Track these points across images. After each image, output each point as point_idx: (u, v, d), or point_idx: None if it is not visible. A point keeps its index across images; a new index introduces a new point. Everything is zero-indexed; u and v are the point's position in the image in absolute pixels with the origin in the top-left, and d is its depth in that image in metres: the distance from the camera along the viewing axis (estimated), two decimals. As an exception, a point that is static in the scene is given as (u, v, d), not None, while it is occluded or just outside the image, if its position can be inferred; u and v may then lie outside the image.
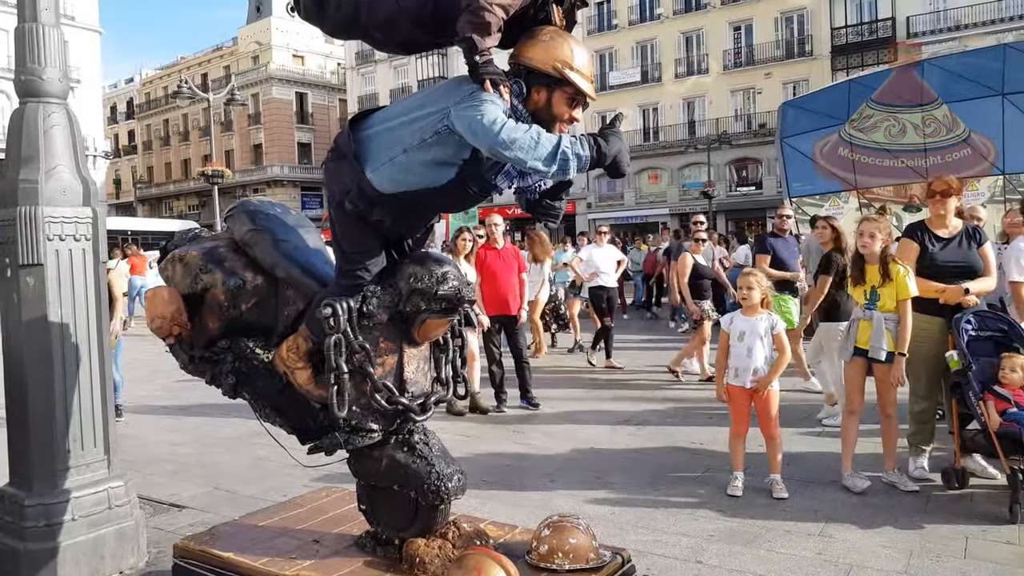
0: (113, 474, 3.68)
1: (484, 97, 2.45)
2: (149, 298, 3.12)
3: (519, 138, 2.38)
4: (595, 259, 10.23)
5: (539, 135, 2.41)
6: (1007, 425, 4.18)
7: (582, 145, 2.45)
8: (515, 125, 2.41)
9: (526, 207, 2.90)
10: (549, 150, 2.40)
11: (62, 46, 3.54)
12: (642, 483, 4.96)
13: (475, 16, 2.42)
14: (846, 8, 33.21)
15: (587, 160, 2.45)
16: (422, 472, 2.95)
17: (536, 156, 2.39)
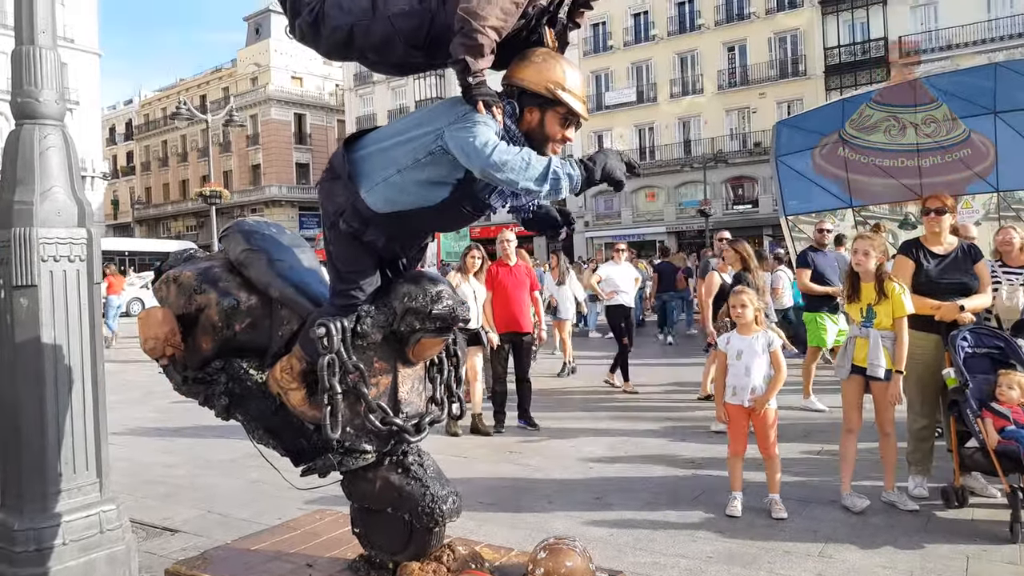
0: (105, 497, 3.63)
1: (477, 119, 2.46)
2: (143, 319, 3.11)
3: (510, 160, 2.39)
4: (614, 277, 9.86)
5: (530, 156, 2.42)
6: (1006, 443, 4.15)
7: (572, 166, 2.45)
8: (507, 147, 2.42)
9: (525, 224, 2.90)
10: (540, 171, 2.41)
11: (59, 68, 3.54)
12: (641, 504, 4.92)
13: (468, 38, 2.43)
14: (839, 28, 33.57)
15: (579, 180, 2.45)
16: (416, 494, 2.92)
17: (528, 177, 2.40)
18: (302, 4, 2.81)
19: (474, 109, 2.48)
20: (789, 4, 34.75)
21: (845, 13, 33.43)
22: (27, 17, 3.44)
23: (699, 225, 34.92)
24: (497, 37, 2.47)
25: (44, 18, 3.47)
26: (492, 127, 2.47)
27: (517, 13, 2.48)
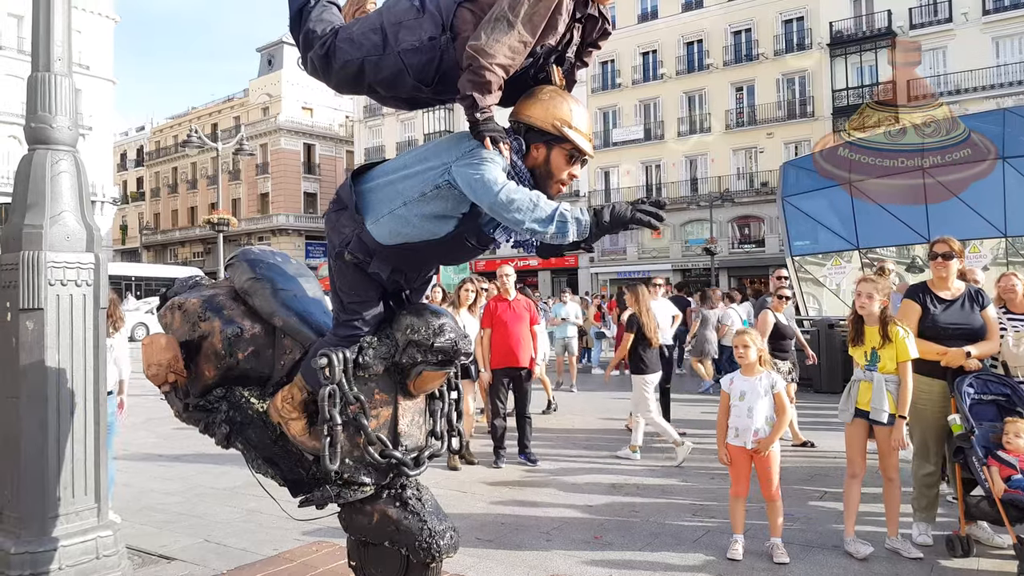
0: (102, 523, 3.61)
1: (484, 155, 2.49)
2: (146, 344, 3.12)
3: (518, 199, 2.41)
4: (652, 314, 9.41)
5: (538, 198, 2.43)
6: (1012, 492, 4.10)
7: (581, 211, 2.44)
8: (516, 187, 2.45)
9: (540, 251, 2.90)
10: (548, 212, 2.41)
11: (73, 95, 3.61)
12: (640, 544, 4.86)
13: (476, 75, 2.47)
14: (847, 70, 33.87)
15: (587, 224, 2.42)
16: (414, 528, 2.89)
17: (534, 217, 2.41)
18: (315, 38, 2.87)
19: (481, 145, 2.51)
20: (798, 46, 35.13)
21: (853, 56, 33.79)
22: (44, 44, 3.51)
23: (705, 263, 34.93)
24: (505, 75, 2.51)
25: (60, 45, 3.54)
26: (500, 163, 2.50)
27: (525, 52, 2.52)
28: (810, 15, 34.83)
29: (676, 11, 38.16)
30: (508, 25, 2.46)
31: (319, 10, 2.91)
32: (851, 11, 34.12)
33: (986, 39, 31.17)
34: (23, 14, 33.21)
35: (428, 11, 2.69)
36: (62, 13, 3.55)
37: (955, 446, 4.55)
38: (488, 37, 2.46)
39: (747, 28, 36.42)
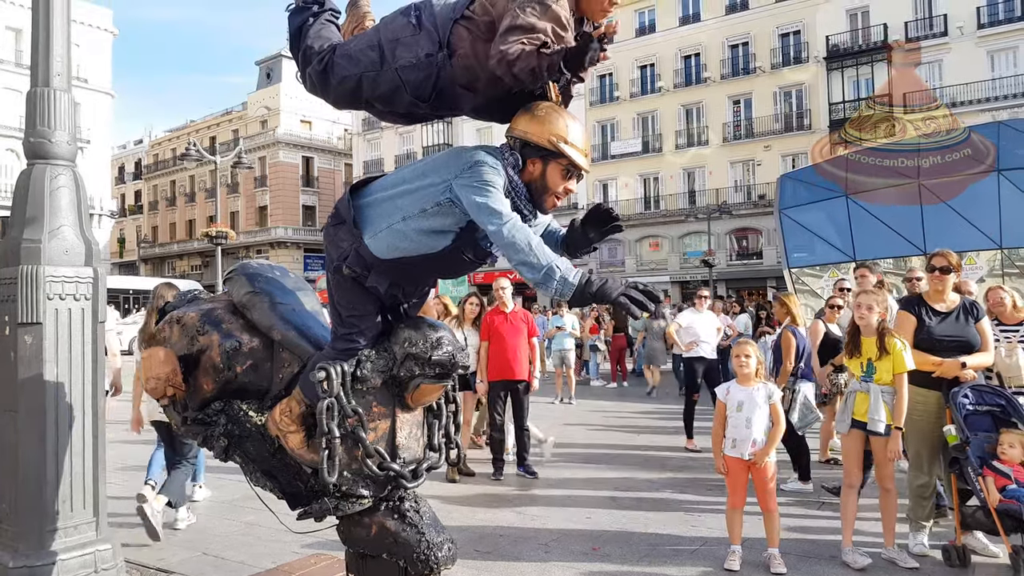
0: (101, 536, 3.62)
1: (486, 177, 2.50)
2: (145, 358, 3.14)
3: (518, 240, 2.40)
4: (695, 326, 9.00)
5: (538, 246, 2.40)
6: (1007, 502, 4.12)
7: (573, 275, 2.37)
8: (518, 226, 2.43)
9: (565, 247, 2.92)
10: (539, 262, 2.38)
11: (72, 110, 3.64)
12: (639, 556, 4.86)
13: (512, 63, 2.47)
14: (843, 83, 34.07)
15: (570, 288, 2.36)
16: (412, 541, 2.90)
17: (525, 260, 2.39)
18: (313, 54, 2.90)
19: (480, 163, 2.52)
20: (795, 59, 35.35)
21: (850, 69, 33.99)
22: (43, 59, 3.55)
23: (703, 275, 34.98)
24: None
25: (60, 61, 3.58)
26: (501, 177, 2.52)
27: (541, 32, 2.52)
28: (807, 29, 35.08)
29: (674, 25, 38.40)
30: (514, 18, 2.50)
31: (318, 27, 2.95)
32: (847, 25, 34.36)
33: (981, 52, 31.39)
34: (21, 27, 33.38)
35: (425, 28, 2.72)
36: (61, 28, 3.58)
37: (951, 457, 4.56)
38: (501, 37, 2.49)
39: (744, 42, 36.64)
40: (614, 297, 2.34)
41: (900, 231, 13.39)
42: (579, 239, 2.93)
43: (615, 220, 2.87)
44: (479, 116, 2.94)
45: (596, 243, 2.93)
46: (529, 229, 2.47)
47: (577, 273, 2.38)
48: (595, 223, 2.90)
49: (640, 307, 2.32)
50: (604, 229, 2.90)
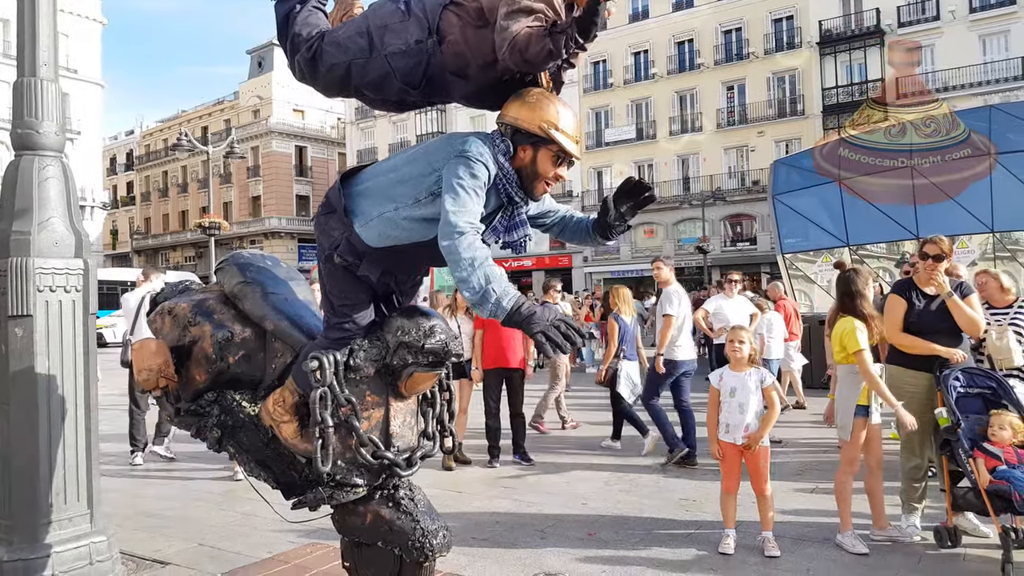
0: (95, 528, 3.61)
1: (466, 167, 2.50)
2: (137, 350, 3.13)
3: (462, 257, 2.37)
4: (725, 312, 8.67)
5: (480, 265, 2.37)
6: (997, 483, 4.15)
7: (508, 300, 2.35)
8: (468, 244, 2.39)
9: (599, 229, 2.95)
10: (476, 283, 2.35)
11: (60, 100, 3.60)
12: (634, 541, 4.89)
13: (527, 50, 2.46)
14: (836, 69, 34.04)
15: (504, 313, 2.35)
16: (407, 528, 2.91)
17: (464, 278, 2.38)
18: (301, 42, 2.88)
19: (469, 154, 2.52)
20: (788, 45, 35.28)
21: (843, 54, 33.95)
22: (29, 50, 3.51)
23: (698, 262, 35.04)
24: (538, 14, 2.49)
25: (46, 51, 3.54)
26: (485, 169, 2.51)
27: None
28: (799, 14, 34.99)
29: (667, 11, 38.26)
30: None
31: (305, 14, 2.93)
32: (840, 10, 34.29)
33: (973, 37, 31.38)
34: (8, 18, 33.06)
35: (414, 14, 2.71)
36: (47, 17, 3.54)
37: (942, 439, 4.59)
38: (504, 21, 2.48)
39: (737, 27, 36.55)
40: (534, 332, 2.32)
41: (893, 216, 13.43)
42: (614, 217, 2.93)
43: (648, 190, 2.92)
44: (470, 103, 2.93)
45: (630, 218, 2.96)
46: (483, 249, 2.42)
47: (511, 299, 2.34)
48: (628, 196, 2.94)
49: (555, 347, 2.32)
50: (639, 200, 2.93)
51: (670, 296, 7.27)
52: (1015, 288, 5.83)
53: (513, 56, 2.47)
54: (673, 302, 7.20)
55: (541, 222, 3.13)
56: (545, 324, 2.31)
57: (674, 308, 7.15)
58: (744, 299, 9.32)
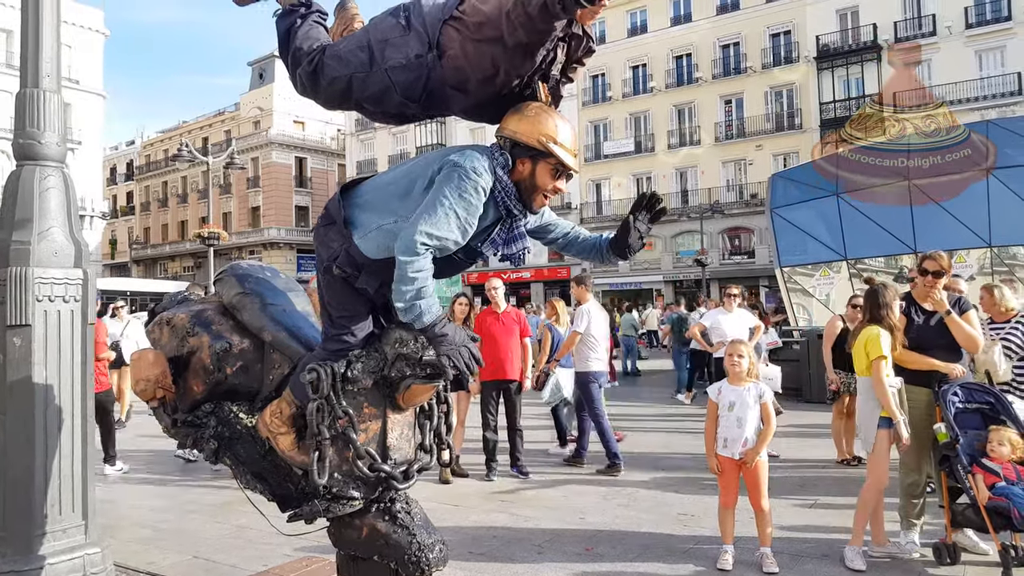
0: (90, 540, 3.59)
1: (464, 183, 2.51)
2: (135, 360, 3.12)
3: (407, 274, 2.47)
4: (723, 326, 8.66)
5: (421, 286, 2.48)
6: (996, 500, 4.14)
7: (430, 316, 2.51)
8: (420, 266, 2.47)
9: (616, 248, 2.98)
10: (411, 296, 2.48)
11: (62, 111, 3.62)
12: (632, 556, 4.87)
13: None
14: (833, 83, 34.22)
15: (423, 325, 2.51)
16: (403, 542, 2.89)
17: (401, 289, 2.49)
18: (302, 55, 2.89)
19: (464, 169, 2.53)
20: (785, 59, 35.47)
21: (840, 69, 34.14)
22: (32, 61, 3.52)
23: (696, 274, 35.09)
24: None
25: (49, 62, 3.55)
26: (478, 185, 2.53)
27: None
28: (797, 29, 35.21)
29: (665, 25, 38.49)
30: None
31: (306, 28, 2.94)
32: (837, 25, 34.50)
33: (969, 52, 31.57)
34: (11, 28, 33.21)
35: (414, 29, 2.71)
36: (51, 29, 3.56)
37: (941, 454, 4.58)
38: None
39: (735, 42, 36.75)
40: (440, 351, 2.52)
41: (891, 230, 13.45)
42: (631, 231, 2.95)
43: (659, 201, 2.95)
44: (469, 116, 2.94)
45: (645, 232, 2.98)
46: (429, 270, 2.51)
47: (432, 315, 2.51)
48: (642, 210, 2.96)
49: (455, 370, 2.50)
50: (653, 214, 2.97)
51: (582, 314, 7.75)
52: (1015, 302, 5.83)
53: (516, 10, 2.46)
54: (583, 320, 7.68)
55: (541, 235, 3.14)
56: (452, 347, 2.50)
57: (582, 325, 7.65)
58: (743, 312, 9.28)
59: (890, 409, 4.50)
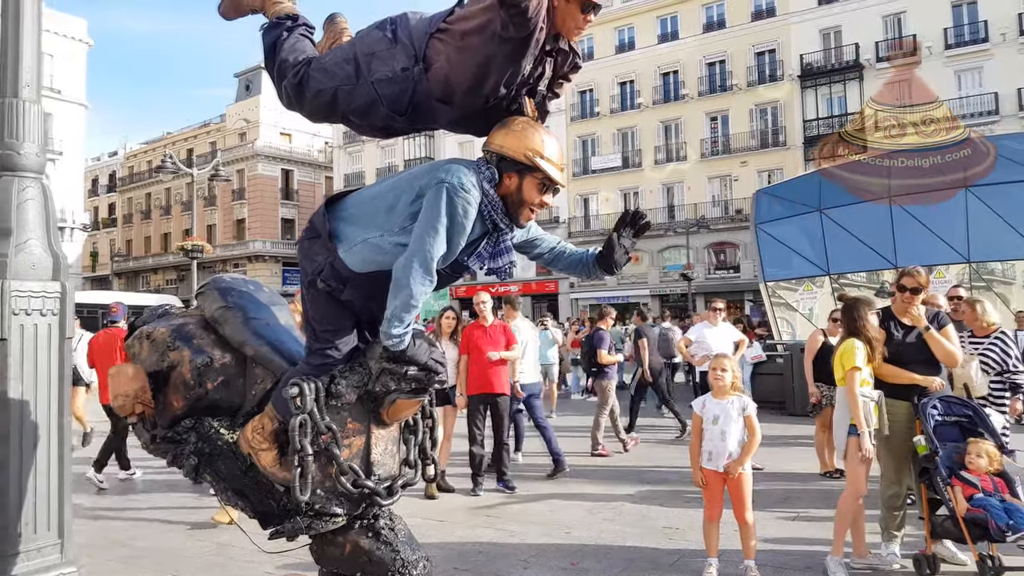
0: (66, 559, 3.52)
1: (454, 200, 2.52)
2: (113, 375, 3.07)
3: (405, 288, 2.54)
4: (708, 340, 8.69)
5: (413, 304, 2.56)
6: (974, 511, 4.17)
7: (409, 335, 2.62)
8: (417, 283, 2.54)
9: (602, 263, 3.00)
10: (402, 313, 2.56)
11: (42, 121, 3.58)
12: (617, 570, 4.84)
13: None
14: (817, 101, 34.64)
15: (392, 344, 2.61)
16: (386, 559, 2.85)
17: (395, 312, 2.56)
18: (288, 67, 2.88)
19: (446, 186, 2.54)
20: (770, 77, 35.87)
21: (823, 87, 34.58)
22: (12, 70, 3.49)
23: (682, 289, 35.24)
24: None
25: (29, 71, 3.52)
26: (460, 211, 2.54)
27: None
28: (781, 47, 35.63)
29: (652, 42, 38.85)
30: None
31: (292, 41, 2.93)
32: (820, 44, 34.96)
33: (949, 72, 32.04)
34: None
35: (401, 41, 2.71)
36: (31, 37, 3.53)
37: (920, 467, 4.61)
38: None
39: (721, 60, 37.14)
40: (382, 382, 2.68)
41: (872, 245, 13.56)
42: (616, 248, 2.95)
43: (642, 217, 2.97)
44: (456, 129, 2.94)
45: (630, 247, 2.99)
46: (426, 294, 2.60)
47: (409, 336, 2.62)
48: (627, 226, 2.97)
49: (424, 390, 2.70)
50: (637, 229, 2.97)
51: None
52: (996, 317, 5.88)
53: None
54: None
55: (528, 250, 3.13)
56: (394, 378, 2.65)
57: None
58: (728, 326, 9.33)
59: (857, 418, 4.54)
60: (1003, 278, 14.41)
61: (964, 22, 32.25)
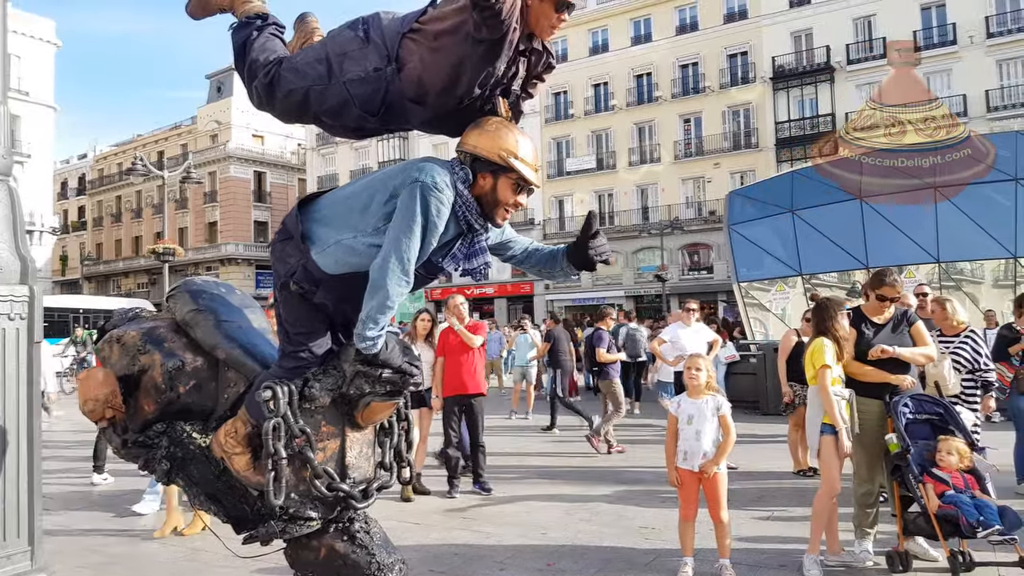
0: (36, 567, 3.46)
1: (428, 200, 2.52)
2: (82, 379, 3.02)
3: (383, 290, 2.53)
4: (682, 341, 8.64)
5: (390, 307, 2.57)
6: (945, 508, 4.24)
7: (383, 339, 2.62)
8: (398, 287, 2.54)
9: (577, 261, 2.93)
10: (378, 315, 2.56)
11: (8, 123, 3.53)
12: (593, 570, 4.86)
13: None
14: (789, 103, 35.05)
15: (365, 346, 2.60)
16: (362, 562, 2.84)
17: (369, 314, 2.56)
18: (258, 67, 2.85)
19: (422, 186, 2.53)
20: (742, 79, 36.22)
21: (795, 89, 35.00)
22: (-21, 73, 3.43)
23: (656, 290, 35.45)
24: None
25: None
26: (440, 201, 2.54)
27: None
28: (753, 50, 36.00)
29: (626, 45, 39.06)
30: None
31: (262, 40, 2.90)
32: (792, 47, 35.37)
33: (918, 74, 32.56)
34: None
35: (373, 41, 2.70)
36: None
37: (892, 464, 4.68)
38: None
39: (694, 62, 37.43)
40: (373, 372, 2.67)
41: (843, 246, 13.74)
42: (583, 247, 2.89)
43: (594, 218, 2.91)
44: (429, 130, 2.93)
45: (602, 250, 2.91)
46: (403, 296, 2.60)
47: (383, 338, 2.62)
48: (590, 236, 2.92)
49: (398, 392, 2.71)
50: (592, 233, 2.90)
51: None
52: (965, 316, 5.99)
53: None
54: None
55: (501, 252, 3.12)
56: (381, 371, 2.64)
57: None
58: (702, 327, 9.37)
59: (832, 416, 4.60)
60: (972, 278, 14.70)
61: (933, 25, 32.82)
